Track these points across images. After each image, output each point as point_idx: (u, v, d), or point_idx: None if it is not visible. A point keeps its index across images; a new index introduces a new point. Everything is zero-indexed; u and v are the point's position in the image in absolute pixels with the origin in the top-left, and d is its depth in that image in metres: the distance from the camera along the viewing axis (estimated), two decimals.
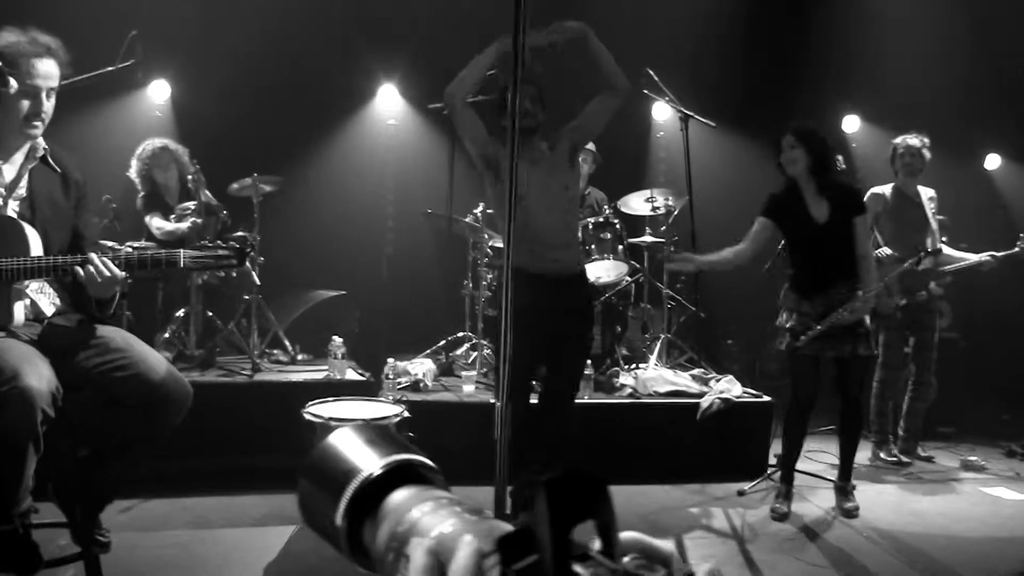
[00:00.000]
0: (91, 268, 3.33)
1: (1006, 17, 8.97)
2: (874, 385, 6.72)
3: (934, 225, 6.56)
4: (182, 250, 3.53)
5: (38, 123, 3.55)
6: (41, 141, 3.63)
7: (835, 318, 5.08)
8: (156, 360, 3.56)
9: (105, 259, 3.36)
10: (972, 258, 6.61)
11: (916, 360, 6.66)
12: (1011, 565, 4.66)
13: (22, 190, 3.56)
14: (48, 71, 3.54)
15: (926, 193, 6.61)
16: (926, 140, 6.47)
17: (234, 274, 6.39)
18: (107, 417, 3.52)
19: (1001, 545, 4.96)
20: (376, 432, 0.99)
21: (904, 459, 6.71)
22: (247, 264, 6.56)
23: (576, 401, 5.09)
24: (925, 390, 6.70)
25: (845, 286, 5.21)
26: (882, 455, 6.76)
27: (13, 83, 3.43)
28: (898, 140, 6.59)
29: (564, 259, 4.73)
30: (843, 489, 5.52)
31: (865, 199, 6.44)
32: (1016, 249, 6.26)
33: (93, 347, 3.53)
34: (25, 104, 3.49)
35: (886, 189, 6.58)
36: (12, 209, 3.51)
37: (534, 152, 4.71)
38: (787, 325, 5.33)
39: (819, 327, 5.10)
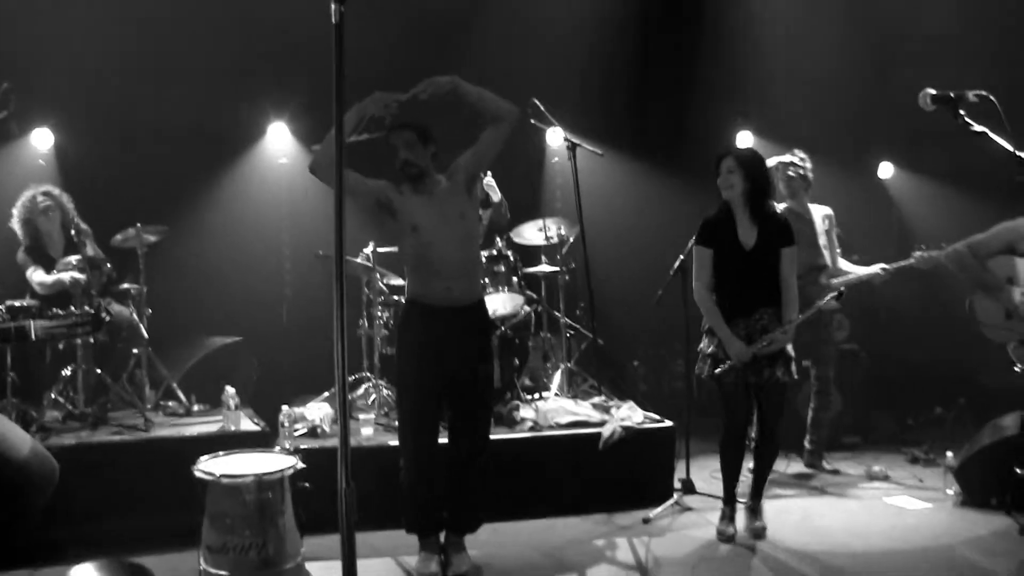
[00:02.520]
0: None
1: (892, 25, 9.15)
2: None
3: (823, 241, 6.66)
4: (32, 321, 3.43)
5: None
6: None
7: (756, 348, 5.15)
8: (17, 437, 3.43)
9: None
10: (863, 272, 6.71)
11: (816, 373, 6.75)
12: None
13: None
14: None
15: (820, 211, 6.72)
16: (807, 159, 6.59)
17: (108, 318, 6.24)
18: None
19: (902, 558, 5.01)
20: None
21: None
22: (134, 317, 6.46)
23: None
24: (826, 401, 6.80)
25: (767, 312, 5.28)
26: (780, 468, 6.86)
27: None
28: (772, 162, 6.62)
29: (458, 288, 4.74)
30: (753, 509, 5.55)
31: None
32: (910, 261, 6.35)
33: None
34: None
35: (777, 208, 6.68)
36: None
37: (428, 185, 4.80)
38: (708, 351, 5.38)
39: (730, 361, 5.17)
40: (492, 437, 5.92)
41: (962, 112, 3.48)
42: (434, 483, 4.81)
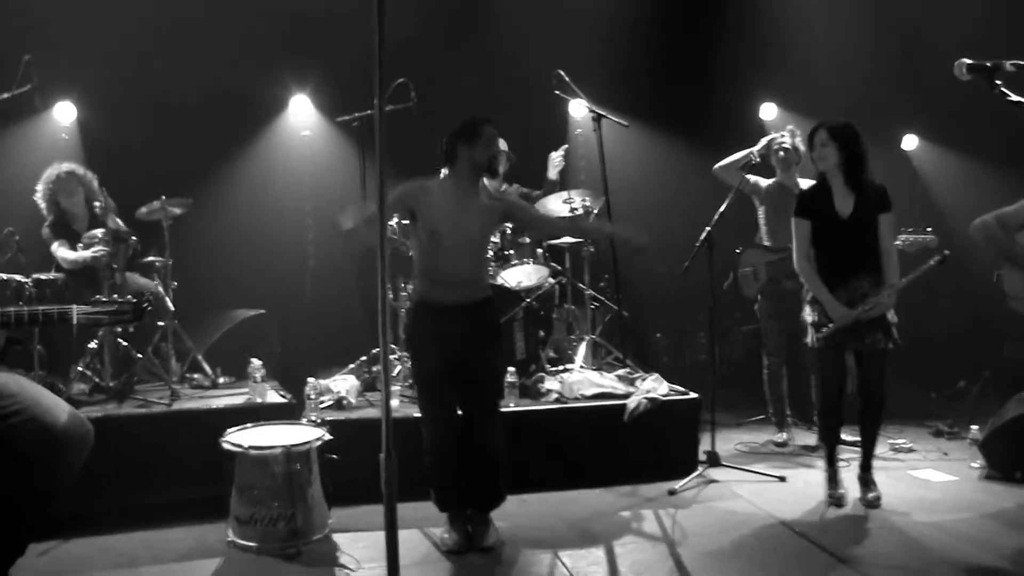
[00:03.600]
0: None
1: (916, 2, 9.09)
2: (763, 373, 6.90)
3: None
4: (75, 307, 3.43)
5: None
6: None
7: (857, 312, 5.21)
8: (52, 402, 3.44)
9: None
10: None
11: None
12: (942, 551, 4.68)
13: None
14: None
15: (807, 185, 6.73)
16: (798, 133, 6.66)
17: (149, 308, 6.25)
18: (3, 468, 3.39)
19: (927, 529, 4.99)
20: None
21: (778, 441, 6.91)
22: (160, 290, 6.47)
23: (502, 411, 5.03)
24: None
25: (867, 280, 5.31)
26: (774, 438, 6.95)
27: None
28: (772, 136, 6.86)
29: (463, 295, 4.76)
30: (864, 480, 5.57)
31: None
32: (897, 242, 6.30)
33: None
34: None
35: (767, 182, 6.76)
36: None
37: (476, 188, 4.79)
38: (810, 320, 5.46)
39: (833, 324, 5.26)
40: (518, 409, 5.98)
41: (999, 82, 3.43)
42: (455, 460, 4.80)
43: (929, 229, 6.48)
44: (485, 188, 4.91)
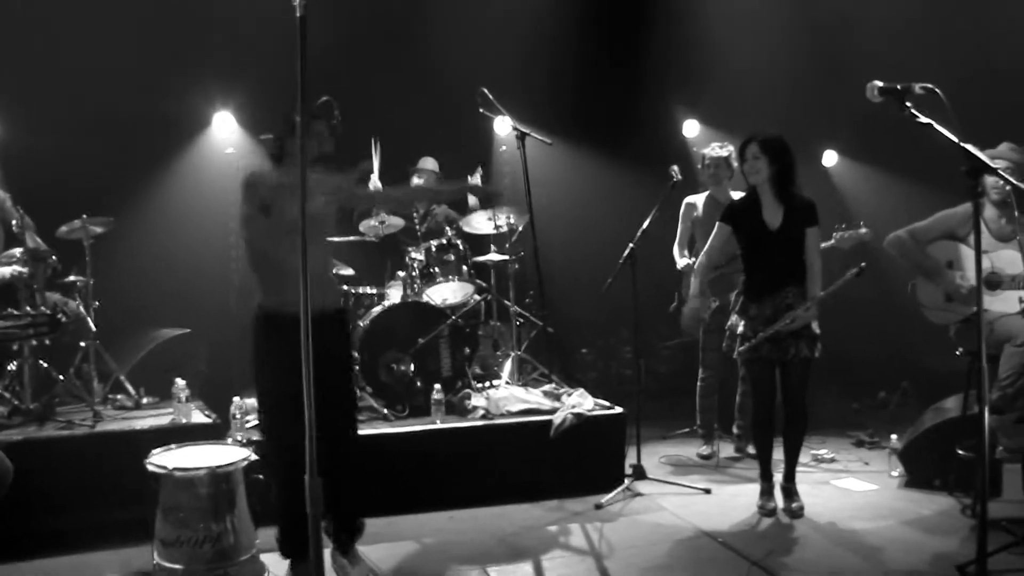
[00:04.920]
0: None
1: (837, 12, 9.27)
2: (698, 384, 7.00)
3: None
4: None
5: None
6: None
7: (780, 325, 5.30)
8: None
9: None
10: None
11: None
12: (866, 557, 4.80)
13: None
14: None
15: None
16: (731, 148, 6.72)
17: (64, 320, 6.17)
18: None
19: (849, 537, 5.11)
20: None
21: (704, 453, 7.00)
22: (81, 310, 6.39)
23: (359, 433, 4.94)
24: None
25: (793, 291, 5.42)
26: (699, 451, 7.04)
27: None
28: (705, 151, 6.95)
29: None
30: (788, 490, 5.67)
31: (681, 210, 6.71)
32: (831, 242, 6.44)
33: None
34: None
35: (699, 198, 6.90)
36: None
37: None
38: (738, 331, 5.54)
39: (763, 333, 5.35)
40: (445, 426, 6.01)
41: (908, 104, 3.55)
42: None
43: (862, 223, 6.56)
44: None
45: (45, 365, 6.22)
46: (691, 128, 10.07)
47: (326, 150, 4.67)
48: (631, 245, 6.17)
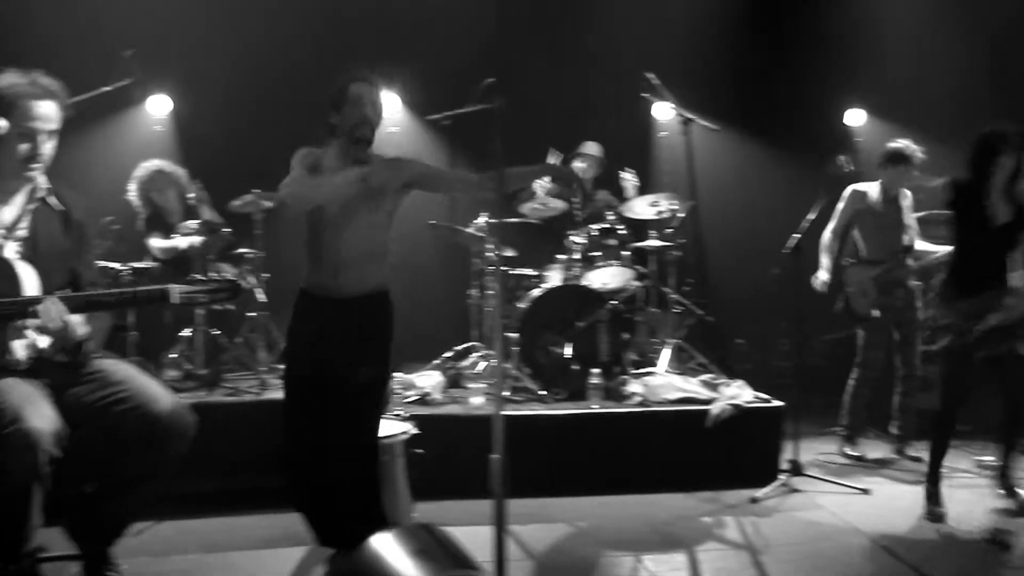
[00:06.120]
0: (44, 313, 3.31)
1: (1006, 6, 8.92)
2: (849, 383, 6.76)
3: (909, 222, 6.54)
4: (174, 286, 3.52)
5: (36, 165, 3.55)
6: (42, 181, 3.62)
7: (996, 319, 5.12)
8: (157, 391, 3.54)
9: (61, 307, 3.34)
10: (944, 250, 6.51)
11: (901, 356, 6.62)
12: None
13: (23, 231, 3.55)
14: (47, 113, 3.54)
15: (905, 193, 6.60)
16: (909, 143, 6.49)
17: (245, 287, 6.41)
18: (110, 452, 3.50)
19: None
20: (423, 542, 0.96)
21: (854, 454, 6.76)
22: (251, 283, 6.58)
23: (369, 445, 4.38)
24: (912, 384, 6.65)
25: (1005, 289, 5.23)
26: (846, 450, 6.81)
27: (3, 123, 3.42)
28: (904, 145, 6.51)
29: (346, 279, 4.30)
30: (1009, 488, 5.55)
31: (847, 195, 6.45)
32: None
33: (91, 381, 3.52)
34: (23, 147, 3.49)
35: (871, 187, 6.57)
36: (14, 250, 3.50)
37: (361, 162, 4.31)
38: (946, 323, 5.36)
39: (980, 326, 5.15)
40: (601, 411, 6.00)
41: None
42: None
43: None
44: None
45: (216, 333, 6.44)
46: (855, 117, 9.81)
47: (362, 135, 4.34)
48: (797, 236, 6.02)
